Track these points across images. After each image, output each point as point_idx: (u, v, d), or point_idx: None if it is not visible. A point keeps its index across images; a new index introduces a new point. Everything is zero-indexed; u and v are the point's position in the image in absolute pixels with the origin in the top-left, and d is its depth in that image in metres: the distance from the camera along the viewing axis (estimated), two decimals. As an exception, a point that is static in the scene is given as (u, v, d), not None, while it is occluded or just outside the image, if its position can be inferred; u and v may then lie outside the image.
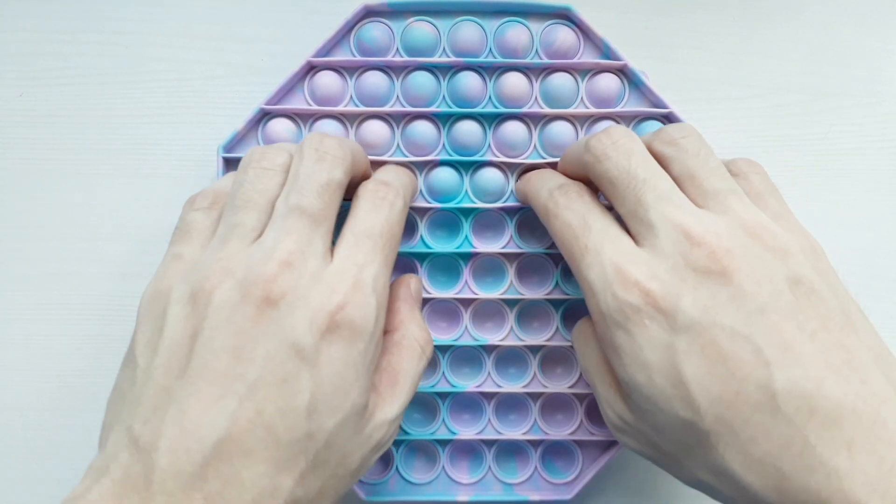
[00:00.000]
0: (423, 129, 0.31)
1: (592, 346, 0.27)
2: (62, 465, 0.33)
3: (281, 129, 0.31)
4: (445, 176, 0.31)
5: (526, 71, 0.31)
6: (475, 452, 0.32)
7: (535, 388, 0.31)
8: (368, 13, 0.31)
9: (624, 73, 0.31)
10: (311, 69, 0.31)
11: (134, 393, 0.22)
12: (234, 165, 0.30)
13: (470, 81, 0.31)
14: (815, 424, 0.21)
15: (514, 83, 0.31)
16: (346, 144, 0.25)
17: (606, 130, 0.25)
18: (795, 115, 0.34)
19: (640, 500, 0.34)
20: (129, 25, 0.34)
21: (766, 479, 0.21)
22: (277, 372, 0.21)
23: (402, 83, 0.31)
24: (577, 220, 0.25)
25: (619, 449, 0.31)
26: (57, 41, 0.34)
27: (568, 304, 0.31)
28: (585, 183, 0.27)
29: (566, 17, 0.31)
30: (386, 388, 0.25)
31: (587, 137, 0.26)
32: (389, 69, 0.31)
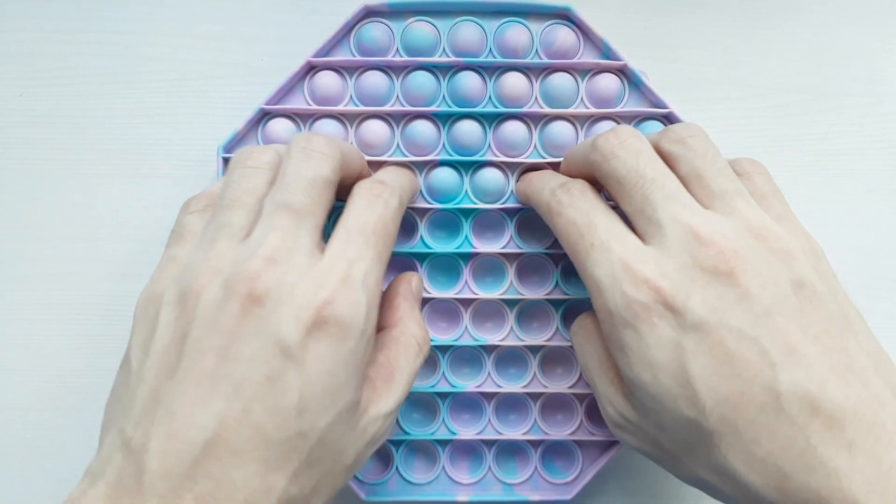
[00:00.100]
0: (423, 129, 0.31)
1: (593, 343, 0.27)
2: (62, 465, 0.33)
3: (281, 129, 0.31)
4: (445, 176, 0.31)
5: (526, 71, 0.31)
6: (475, 452, 0.32)
7: (535, 388, 0.31)
8: (368, 13, 0.31)
9: (624, 73, 0.31)
10: (310, 69, 0.31)
11: (127, 395, 0.22)
12: (234, 165, 0.30)
13: (470, 81, 0.31)
14: (817, 425, 0.21)
15: (514, 83, 0.31)
16: (334, 143, 0.25)
17: (614, 130, 0.25)
18: (795, 115, 0.34)
19: (640, 500, 0.34)
20: (129, 25, 0.34)
21: (767, 478, 0.21)
22: (264, 371, 0.21)
23: (402, 83, 0.31)
24: (581, 217, 0.25)
25: (619, 449, 0.31)
26: (57, 41, 0.34)
27: (568, 304, 0.31)
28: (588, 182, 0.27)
29: (566, 17, 0.31)
30: (381, 382, 0.25)
31: (594, 137, 0.26)
32: (389, 69, 0.31)
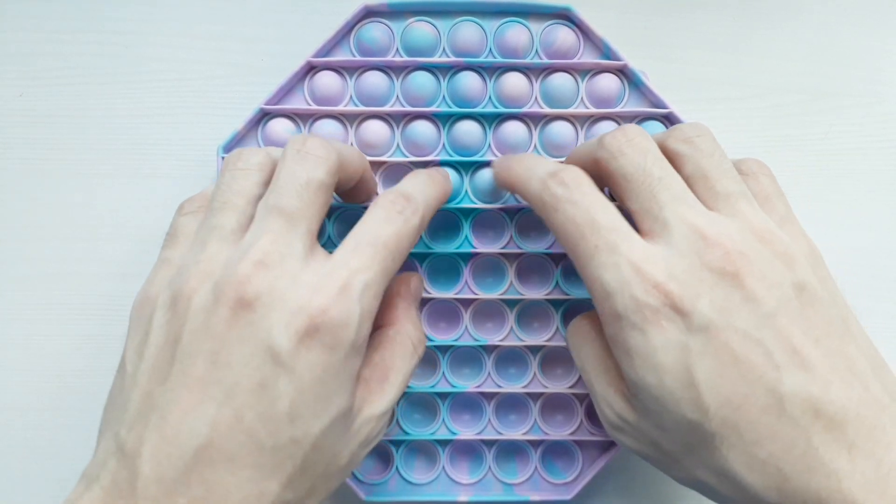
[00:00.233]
0: (423, 129, 0.31)
1: (591, 344, 0.27)
2: (62, 465, 0.33)
3: (281, 129, 0.31)
4: (445, 176, 0.31)
5: (526, 71, 0.31)
6: (475, 453, 0.32)
7: (535, 388, 0.31)
8: (368, 13, 0.31)
9: (624, 73, 0.31)
10: (310, 69, 0.31)
11: (122, 398, 0.22)
12: (234, 165, 0.30)
13: (470, 81, 0.31)
14: (819, 427, 0.21)
15: (514, 83, 0.31)
16: (331, 145, 0.25)
17: (621, 128, 0.25)
18: (795, 115, 0.34)
19: (640, 500, 0.34)
20: (129, 25, 0.34)
21: (767, 479, 0.21)
22: (254, 377, 0.21)
23: (402, 83, 0.31)
24: (582, 216, 0.24)
25: (619, 449, 0.31)
26: (57, 41, 0.34)
27: (568, 304, 0.31)
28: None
29: (566, 17, 0.31)
30: (376, 383, 0.25)
31: (601, 135, 0.25)
32: (389, 69, 0.31)
